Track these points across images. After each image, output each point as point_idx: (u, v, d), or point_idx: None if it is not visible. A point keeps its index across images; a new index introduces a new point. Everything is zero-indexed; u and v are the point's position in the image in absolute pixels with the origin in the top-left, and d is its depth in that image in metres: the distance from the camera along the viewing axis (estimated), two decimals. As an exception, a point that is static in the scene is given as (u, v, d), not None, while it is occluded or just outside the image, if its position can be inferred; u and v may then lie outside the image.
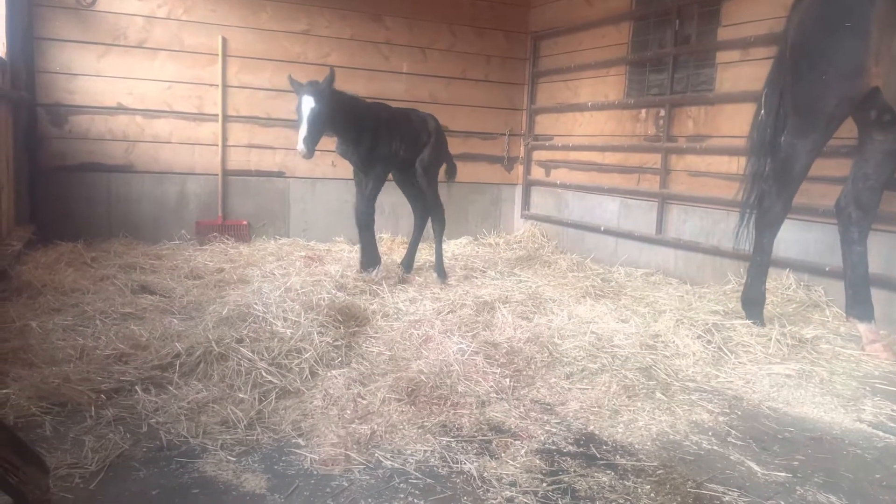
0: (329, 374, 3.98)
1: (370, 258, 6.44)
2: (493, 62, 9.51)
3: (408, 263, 6.92)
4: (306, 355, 4.06)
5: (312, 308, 4.72)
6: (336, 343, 4.35)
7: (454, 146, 9.40)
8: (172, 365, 3.95)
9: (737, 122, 6.50)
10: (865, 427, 3.66)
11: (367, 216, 6.35)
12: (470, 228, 9.57)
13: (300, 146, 5.58)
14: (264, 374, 3.84)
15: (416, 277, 6.74)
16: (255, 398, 3.62)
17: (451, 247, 8.77)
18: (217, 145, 8.13)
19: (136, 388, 3.68)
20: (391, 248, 8.34)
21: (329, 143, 8.66)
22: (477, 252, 8.50)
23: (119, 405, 3.53)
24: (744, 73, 6.45)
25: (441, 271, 6.76)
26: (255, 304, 4.66)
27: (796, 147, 4.88)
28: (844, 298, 5.11)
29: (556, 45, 9.13)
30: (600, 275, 7.13)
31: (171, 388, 3.72)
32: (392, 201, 8.40)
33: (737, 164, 6.53)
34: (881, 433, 3.58)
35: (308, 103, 5.63)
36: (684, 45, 7.13)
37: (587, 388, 4.02)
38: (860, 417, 3.77)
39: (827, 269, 5.67)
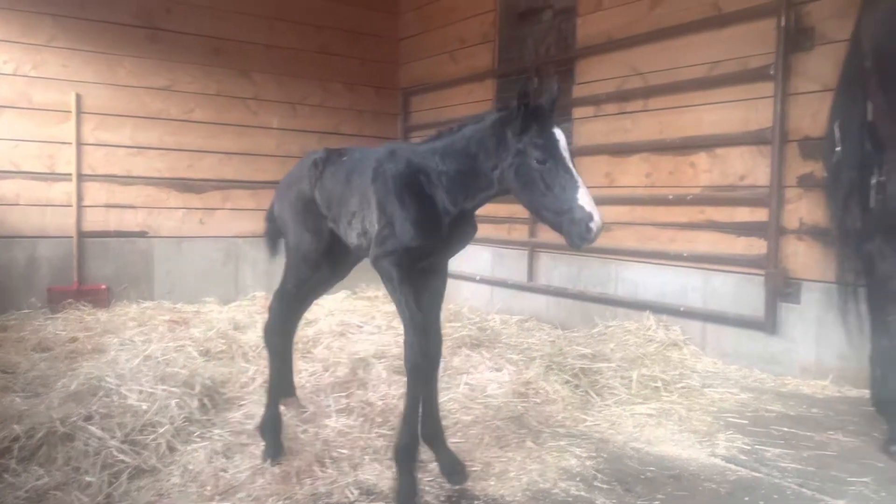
0: (189, 448, 3.75)
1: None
2: (366, 117, 9.60)
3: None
4: (162, 430, 3.81)
5: (172, 377, 4.47)
6: (197, 415, 4.11)
7: (328, 200, 9.36)
8: (10, 450, 3.59)
9: (593, 173, 6.86)
10: (719, 461, 3.86)
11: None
12: (347, 282, 9.39)
13: (600, 219, 2.93)
14: (115, 452, 3.56)
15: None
16: (104, 480, 3.36)
17: (329, 302, 8.59)
18: (72, 206, 7.63)
19: (-35, 480, 3.31)
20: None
21: (195, 199, 8.44)
22: (355, 306, 8.39)
23: (-58, 502, 3.16)
24: (597, 128, 6.87)
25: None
26: (108, 375, 4.35)
27: None
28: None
29: (426, 101, 9.36)
30: (477, 323, 7.21)
31: (7, 475, 3.39)
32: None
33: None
34: (733, 466, 3.79)
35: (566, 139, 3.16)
36: (544, 101, 7.50)
37: (461, 441, 4.01)
38: (714, 452, 3.97)
39: (682, 309, 6.03)
